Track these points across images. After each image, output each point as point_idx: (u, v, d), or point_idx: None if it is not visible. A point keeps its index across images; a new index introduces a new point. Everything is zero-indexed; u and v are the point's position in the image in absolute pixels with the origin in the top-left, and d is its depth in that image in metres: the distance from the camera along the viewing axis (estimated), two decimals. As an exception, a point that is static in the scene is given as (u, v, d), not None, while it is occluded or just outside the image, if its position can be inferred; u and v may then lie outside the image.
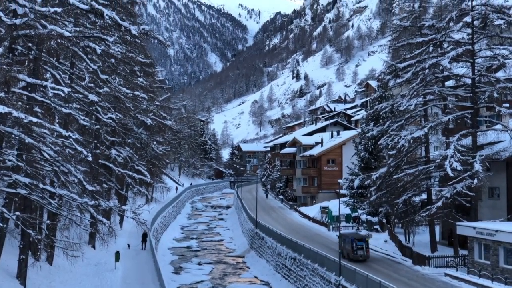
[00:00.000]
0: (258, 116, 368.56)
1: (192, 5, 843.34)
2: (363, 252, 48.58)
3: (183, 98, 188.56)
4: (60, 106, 30.81)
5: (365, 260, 48.27)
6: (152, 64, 73.79)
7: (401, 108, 49.19)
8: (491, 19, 44.43)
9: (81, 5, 28.76)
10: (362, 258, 48.00)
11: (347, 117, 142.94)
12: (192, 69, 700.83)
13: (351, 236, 50.31)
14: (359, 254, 48.06)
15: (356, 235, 50.68)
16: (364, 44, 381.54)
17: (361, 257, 47.91)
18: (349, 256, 48.58)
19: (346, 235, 51.14)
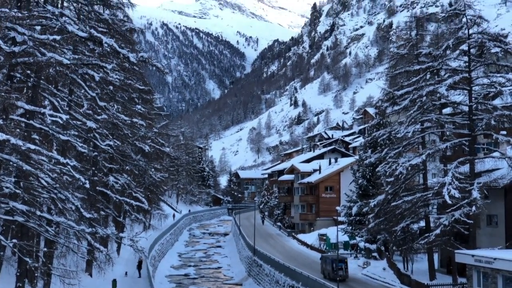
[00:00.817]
0: (256, 143, 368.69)
1: (190, 32, 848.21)
2: (343, 272, 52.29)
3: (181, 125, 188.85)
4: (58, 133, 30.82)
5: (344, 280, 51.35)
6: (151, 91, 73.98)
7: (398, 135, 49.29)
8: (487, 47, 44.70)
9: (80, 33, 28.92)
10: (341, 278, 50.40)
11: (345, 144, 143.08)
12: (190, 96, 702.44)
13: (331, 257, 54.43)
14: (339, 274, 50.52)
15: (336, 256, 53.65)
16: (361, 71, 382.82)
17: (340, 277, 50.13)
18: (329, 276, 52.60)
19: (327, 256, 56.38)
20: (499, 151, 46.07)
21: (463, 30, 46.09)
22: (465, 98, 46.08)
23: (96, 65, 33.49)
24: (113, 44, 29.54)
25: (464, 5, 45.81)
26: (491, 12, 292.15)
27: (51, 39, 27.42)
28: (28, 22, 27.73)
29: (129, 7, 43.10)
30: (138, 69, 51.92)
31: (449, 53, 47.28)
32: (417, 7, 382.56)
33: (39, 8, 30.17)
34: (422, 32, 55.45)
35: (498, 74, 44.72)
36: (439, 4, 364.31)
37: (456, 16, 47.24)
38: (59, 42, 28.60)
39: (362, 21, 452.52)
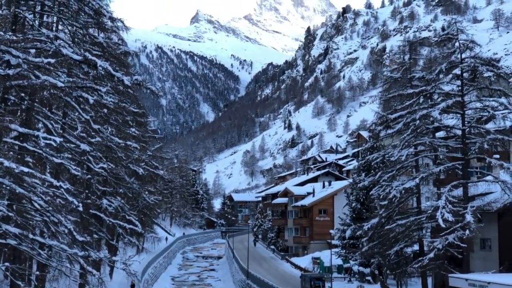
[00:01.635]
0: (250, 166, 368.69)
1: (184, 55, 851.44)
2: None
3: (175, 148, 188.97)
4: (51, 156, 30.76)
5: None
6: (145, 114, 74.01)
7: (392, 159, 49.33)
8: (480, 72, 44.93)
9: (75, 56, 28.99)
10: None
11: (339, 167, 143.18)
12: (184, 119, 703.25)
13: (309, 275, 59.01)
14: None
15: (314, 275, 59.43)
16: (355, 95, 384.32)
17: None
18: None
19: (305, 275, 61.07)
20: (492, 175, 46.13)
21: (455, 55, 46.33)
22: (458, 122, 46.21)
23: (90, 88, 33.55)
24: (107, 67, 29.62)
25: (456, 30, 46.11)
26: (484, 37, 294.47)
27: (45, 62, 27.47)
28: (23, 45, 27.79)
29: (123, 31, 43.23)
30: (133, 92, 51.99)
31: (442, 77, 47.49)
32: (410, 32, 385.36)
33: (34, 31, 30.27)
34: (415, 56, 55.67)
35: (490, 98, 44.91)
36: (432, 29, 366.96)
37: (449, 40, 47.49)
38: (54, 65, 28.65)
39: (356, 45, 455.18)
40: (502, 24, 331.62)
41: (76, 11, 34.02)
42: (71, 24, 34.44)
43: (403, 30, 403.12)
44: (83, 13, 34.73)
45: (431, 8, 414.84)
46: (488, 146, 44.54)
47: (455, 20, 52.00)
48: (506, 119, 43.91)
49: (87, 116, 39.00)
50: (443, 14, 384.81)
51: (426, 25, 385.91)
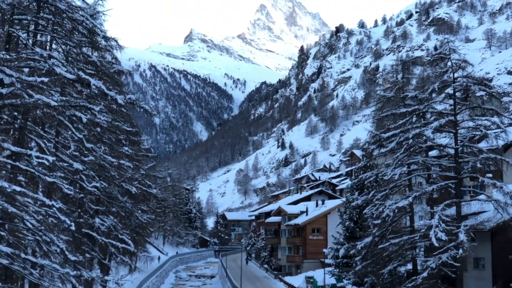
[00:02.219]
0: (243, 185, 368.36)
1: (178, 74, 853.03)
2: None
3: (168, 167, 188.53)
4: (44, 175, 30.67)
5: None
6: (138, 132, 73.96)
7: (385, 178, 49.36)
8: (472, 91, 45.13)
9: (68, 75, 29.00)
10: None
11: (332, 186, 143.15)
12: (178, 138, 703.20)
13: None
14: None
15: None
16: (348, 113, 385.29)
17: None
18: None
19: None
20: (485, 193, 46.19)
21: (448, 74, 46.52)
22: (451, 141, 46.31)
23: (83, 107, 33.54)
24: (101, 86, 29.65)
25: (449, 50, 46.34)
26: (476, 56, 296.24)
27: (39, 81, 27.48)
28: (16, 64, 27.80)
29: (117, 50, 43.34)
30: (126, 110, 51.98)
31: (434, 96, 47.67)
32: (403, 51, 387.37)
33: (27, 50, 30.31)
34: (408, 75, 55.89)
35: (483, 117, 45.06)
36: (424, 48, 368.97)
37: (441, 60, 47.69)
38: (47, 84, 28.66)
39: (349, 64, 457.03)
40: (494, 43, 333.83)
41: (70, 30, 34.10)
42: (65, 43, 34.52)
43: (396, 49, 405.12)
44: (77, 32, 34.81)
45: (424, 28, 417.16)
46: (481, 165, 44.62)
47: (448, 39, 52.31)
48: (499, 138, 43.97)
49: (80, 135, 38.96)
50: (436, 34, 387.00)
51: (419, 45, 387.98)
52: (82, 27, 33.77)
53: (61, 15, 32.37)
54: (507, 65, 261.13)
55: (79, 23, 33.18)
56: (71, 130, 38.06)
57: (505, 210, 41.38)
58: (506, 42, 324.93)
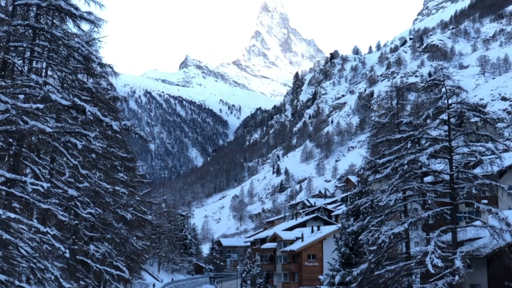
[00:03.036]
0: (239, 211, 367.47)
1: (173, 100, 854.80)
2: None
3: (163, 193, 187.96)
4: (38, 202, 30.57)
5: None
6: (133, 158, 73.85)
7: (381, 204, 49.31)
8: (467, 117, 45.27)
9: (64, 101, 29.04)
10: None
11: (328, 212, 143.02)
12: (173, 164, 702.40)
13: None
14: None
15: None
16: (343, 139, 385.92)
17: None
18: None
19: None
20: (481, 220, 46.18)
21: (442, 100, 46.70)
22: (446, 167, 46.37)
23: (79, 133, 33.54)
24: (96, 112, 29.69)
25: (443, 76, 46.57)
26: (470, 83, 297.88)
27: (34, 107, 27.49)
28: (12, 91, 27.83)
29: (112, 76, 43.43)
30: (121, 137, 51.97)
31: (429, 122, 47.81)
32: (397, 77, 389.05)
33: (23, 77, 30.37)
34: (402, 102, 56.06)
35: (478, 143, 45.19)
36: (418, 74, 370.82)
37: (436, 86, 47.91)
38: (42, 110, 28.67)
39: (344, 90, 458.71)
40: (488, 70, 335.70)
41: (66, 56, 34.19)
42: (61, 69, 34.60)
43: (391, 75, 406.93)
44: (73, 59, 34.89)
45: (418, 54, 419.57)
46: (476, 191, 44.64)
47: (441, 66, 52.57)
48: (494, 164, 44.05)
49: (75, 161, 38.89)
50: (430, 60, 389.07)
51: (413, 71, 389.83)
52: (78, 53, 33.86)
53: (57, 42, 32.48)
54: (501, 91, 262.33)
55: (75, 50, 33.28)
56: (66, 156, 38.00)
57: (501, 236, 41.33)
58: (500, 68, 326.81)
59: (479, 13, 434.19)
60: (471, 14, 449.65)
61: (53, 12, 32.65)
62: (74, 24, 33.45)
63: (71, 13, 31.98)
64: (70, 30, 34.66)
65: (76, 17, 32.30)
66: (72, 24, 33.59)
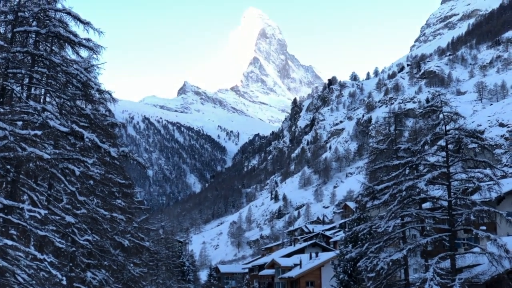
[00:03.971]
0: (237, 237, 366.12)
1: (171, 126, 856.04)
2: None
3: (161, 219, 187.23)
4: (36, 228, 30.46)
5: None
6: (131, 185, 73.67)
7: (379, 230, 49.24)
8: (465, 143, 45.37)
9: (62, 128, 29.06)
10: None
11: (326, 238, 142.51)
12: (171, 190, 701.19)
13: None
14: None
15: None
16: (341, 165, 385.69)
17: None
18: None
19: None
20: (479, 246, 46.06)
21: (440, 126, 46.85)
22: (444, 193, 46.36)
23: (76, 160, 33.53)
24: (94, 139, 29.70)
25: (440, 102, 46.75)
26: (467, 109, 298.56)
27: (32, 134, 27.50)
28: (10, 118, 27.87)
29: (111, 102, 43.47)
30: (119, 163, 51.94)
31: (427, 148, 47.91)
32: (395, 103, 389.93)
33: (21, 104, 30.40)
34: (400, 128, 56.23)
35: (476, 169, 45.24)
36: (416, 101, 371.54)
37: (433, 112, 48.08)
38: (40, 137, 28.69)
39: (342, 116, 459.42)
40: (485, 96, 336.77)
41: (64, 83, 34.28)
42: (59, 96, 34.66)
43: (388, 101, 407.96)
44: (71, 85, 34.98)
45: (415, 81, 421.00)
46: (475, 218, 44.65)
47: (439, 92, 52.78)
48: (492, 191, 44.06)
49: (73, 188, 38.84)
50: (427, 86, 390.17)
51: (411, 97, 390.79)
52: (76, 80, 33.96)
53: (56, 69, 32.60)
54: (499, 117, 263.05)
55: (74, 77, 33.38)
56: (64, 183, 37.96)
57: (500, 263, 41.22)
58: (497, 94, 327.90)
59: (476, 40, 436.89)
60: (468, 40, 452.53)
61: (52, 39, 32.81)
62: (73, 50, 33.57)
63: (70, 40, 32.13)
64: (69, 56, 34.78)
65: (75, 43, 32.43)
66: (71, 50, 33.69)
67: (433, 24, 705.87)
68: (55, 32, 31.35)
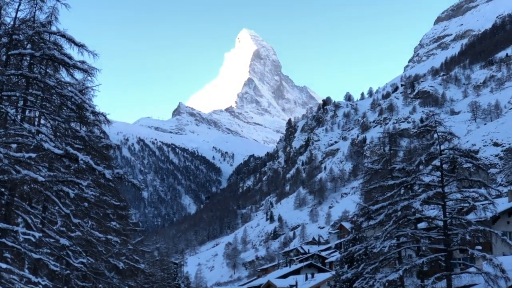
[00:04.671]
0: (232, 258, 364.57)
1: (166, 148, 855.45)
2: None
3: (156, 241, 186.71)
4: (30, 251, 30.32)
5: None
6: (126, 207, 73.46)
7: (375, 250, 49.18)
8: (459, 163, 45.48)
9: (56, 150, 29.04)
10: None
11: (322, 259, 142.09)
12: (166, 211, 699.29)
13: None
14: None
15: None
16: (337, 186, 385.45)
17: None
18: None
19: None
20: (475, 266, 46.01)
21: (435, 146, 46.98)
22: (439, 213, 46.39)
23: (71, 182, 33.46)
24: (89, 161, 29.67)
25: (434, 122, 46.91)
26: (462, 128, 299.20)
27: (26, 156, 27.48)
28: (4, 140, 27.84)
29: (106, 124, 43.52)
30: (114, 185, 51.82)
31: (422, 168, 48.00)
32: (389, 123, 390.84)
33: (15, 126, 30.38)
34: (395, 148, 56.40)
35: (471, 189, 45.32)
36: (410, 120, 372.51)
37: (428, 132, 48.23)
38: (35, 159, 28.66)
39: (337, 136, 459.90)
40: (479, 116, 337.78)
41: (59, 105, 34.30)
42: (54, 118, 34.68)
43: (383, 121, 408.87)
44: (66, 108, 34.98)
45: (409, 101, 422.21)
46: (470, 237, 44.66)
47: (433, 112, 53.05)
48: (487, 210, 44.10)
49: (67, 210, 38.71)
50: (421, 106, 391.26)
51: (405, 117, 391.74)
52: (71, 102, 33.97)
53: (50, 91, 32.63)
54: (493, 136, 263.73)
55: (68, 99, 33.39)
56: (58, 205, 37.84)
57: (496, 283, 41.15)
58: (491, 114, 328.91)
59: (469, 60, 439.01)
60: (462, 60, 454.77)
61: (47, 62, 32.84)
62: (68, 73, 33.61)
63: (64, 63, 32.17)
64: (63, 79, 34.85)
65: (69, 66, 32.48)
66: (66, 73, 33.74)
67: (426, 44, 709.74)
68: (49, 55, 31.41)
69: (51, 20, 32.69)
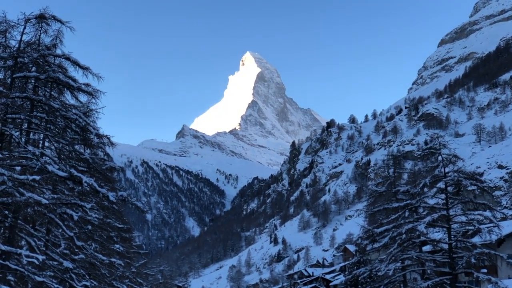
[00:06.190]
0: (236, 281, 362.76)
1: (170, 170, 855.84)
2: None
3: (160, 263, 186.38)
4: (33, 274, 30.23)
5: None
6: (130, 229, 73.42)
7: (379, 274, 48.89)
8: (464, 185, 45.36)
9: (60, 173, 29.06)
10: None
11: (326, 282, 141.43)
12: (170, 234, 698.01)
13: None
14: None
15: None
16: (341, 208, 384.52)
17: None
18: None
19: None
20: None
21: (439, 169, 46.88)
22: (444, 236, 46.19)
23: (75, 205, 33.42)
24: (92, 183, 29.66)
25: (439, 144, 46.87)
26: (466, 151, 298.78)
27: (30, 179, 27.48)
28: (8, 163, 27.87)
29: (110, 146, 43.51)
30: (118, 207, 51.83)
31: (426, 190, 47.86)
32: (393, 145, 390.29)
33: (20, 149, 30.43)
34: (399, 170, 56.22)
35: (475, 211, 45.13)
36: (415, 143, 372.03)
37: (432, 154, 48.17)
38: (39, 182, 28.66)
39: (341, 159, 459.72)
40: (483, 138, 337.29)
41: (63, 128, 34.35)
42: (58, 141, 34.70)
43: (387, 144, 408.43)
44: (70, 130, 35.05)
45: (413, 123, 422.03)
46: (475, 260, 44.38)
47: (437, 134, 53.09)
48: (492, 233, 43.91)
49: (71, 233, 38.64)
50: (425, 129, 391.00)
51: (409, 139, 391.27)
52: (75, 125, 34.04)
53: (55, 114, 32.72)
54: (498, 159, 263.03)
55: (72, 121, 33.47)
56: (62, 228, 37.77)
57: (502, 306, 40.88)
58: (496, 136, 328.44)
59: (473, 82, 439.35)
60: (466, 83, 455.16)
61: (51, 84, 32.98)
62: (72, 95, 33.72)
63: (69, 85, 32.32)
64: (67, 101, 34.93)
65: (74, 89, 32.61)
66: (70, 95, 33.85)
67: (430, 66, 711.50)
68: (54, 78, 31.54)
69: (56, 43, 32.83)
